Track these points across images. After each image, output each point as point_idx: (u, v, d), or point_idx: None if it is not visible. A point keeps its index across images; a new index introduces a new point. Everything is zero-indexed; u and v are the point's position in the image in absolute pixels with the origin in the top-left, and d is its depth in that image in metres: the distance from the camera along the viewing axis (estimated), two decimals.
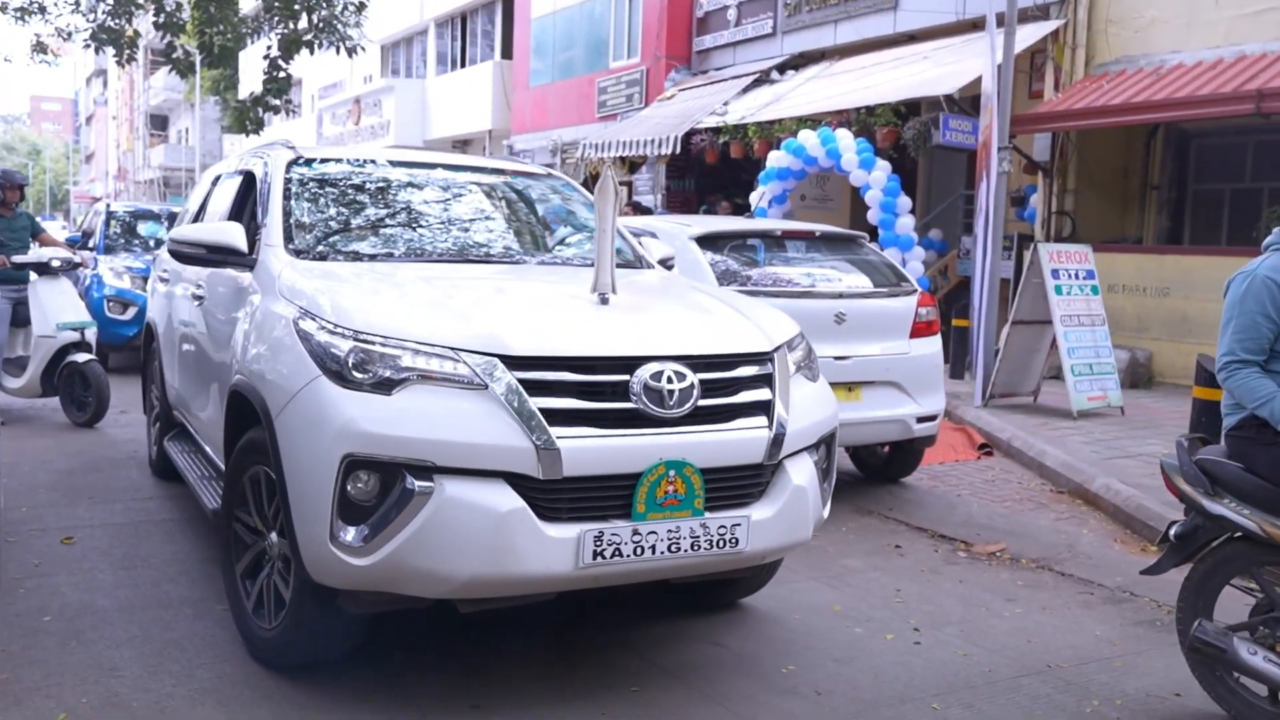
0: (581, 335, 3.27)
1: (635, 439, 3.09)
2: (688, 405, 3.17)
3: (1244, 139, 12.16)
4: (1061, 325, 8.71)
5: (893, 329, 6.08)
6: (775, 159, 13.13)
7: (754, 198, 9.94)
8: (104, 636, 3.73)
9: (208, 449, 4.68)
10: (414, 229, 4.41)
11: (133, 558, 4.64)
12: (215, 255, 4.10)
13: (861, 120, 12.86)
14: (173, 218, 12.22)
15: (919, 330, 6.12)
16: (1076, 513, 6.07)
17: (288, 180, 4.37)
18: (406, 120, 25.49)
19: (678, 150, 15.09)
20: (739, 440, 3.26)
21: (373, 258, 4.08)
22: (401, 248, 4.21)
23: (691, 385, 3.20)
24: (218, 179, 5.67)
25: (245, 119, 15.91)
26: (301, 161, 4.54)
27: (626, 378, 3.14)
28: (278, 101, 14.78)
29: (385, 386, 3.06)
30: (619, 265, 4.32)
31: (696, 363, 3.28)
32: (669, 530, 3.11)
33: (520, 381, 3.04)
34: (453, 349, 3.10)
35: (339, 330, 3.20)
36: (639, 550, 3.08)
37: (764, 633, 4.01)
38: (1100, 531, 5.71)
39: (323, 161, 4.64)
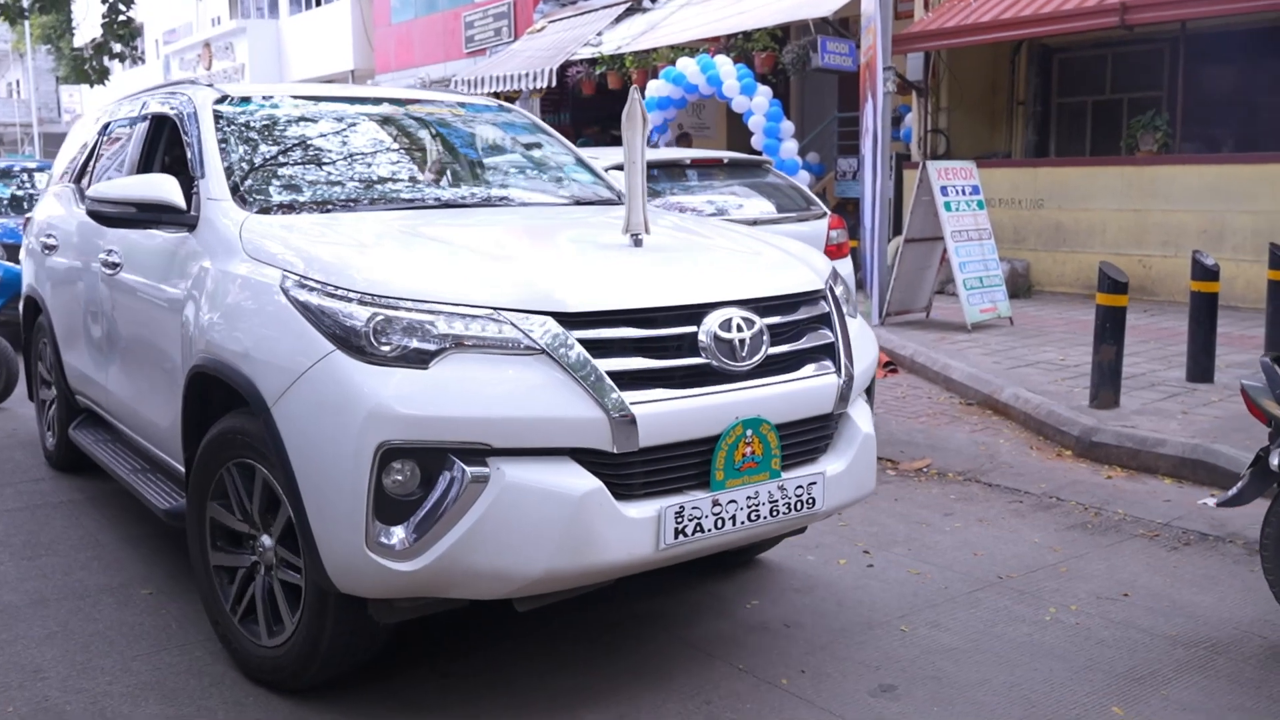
0: (638, 284, 2.85)
1: (710, 398, 2.75)
2: (759, 355, 2.86)
3: (1103, 52, 12.53)
4: (952, 240, 8.88)
5: None
6: (655, 88, 12.97)
7: None
8: (20, 636, 3.44)
9: (139, 439, 4.10)
10: (381, 173, 3.91)
11: (35, 545, 4.30)
12: (147, 214, 3.53)
13: (739, 46, 12.78)
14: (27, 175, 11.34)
15: (831, 253, 6.12)
16: (989, 423, 6.22)
17: (219, 122, 3.79)
18: (262, 63, 24.33)
19: (553, 84, 14.78)
20: (810, 389, 2.97)
21: (345, 207, 3.56)
22: (375, 195, 3.70)
23: (761, 332, 2.87)
24: (106, 127, 5.00)
25: (87, 68, 14.83)
26: (229, 100, 3.95)
27: (693, 329, 2.79)
28: (123, 48, 13.80)
29: (419, 359, 2.59)
30: (599, 203, 4.11)
31: (761, 306, 2.95)
32: (748, 497, 2.82)
33: (580, 342, 2.64)
34: (494, 309, 2.64)
35: (349, 294, 2.70)
36: (720, 523, 2.78)
37: (719, 568, 3.97)
38: (1015, 440, 5.86)
39: (254, 100, 4.05)
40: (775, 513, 2.88)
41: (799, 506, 2.93)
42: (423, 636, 3.38)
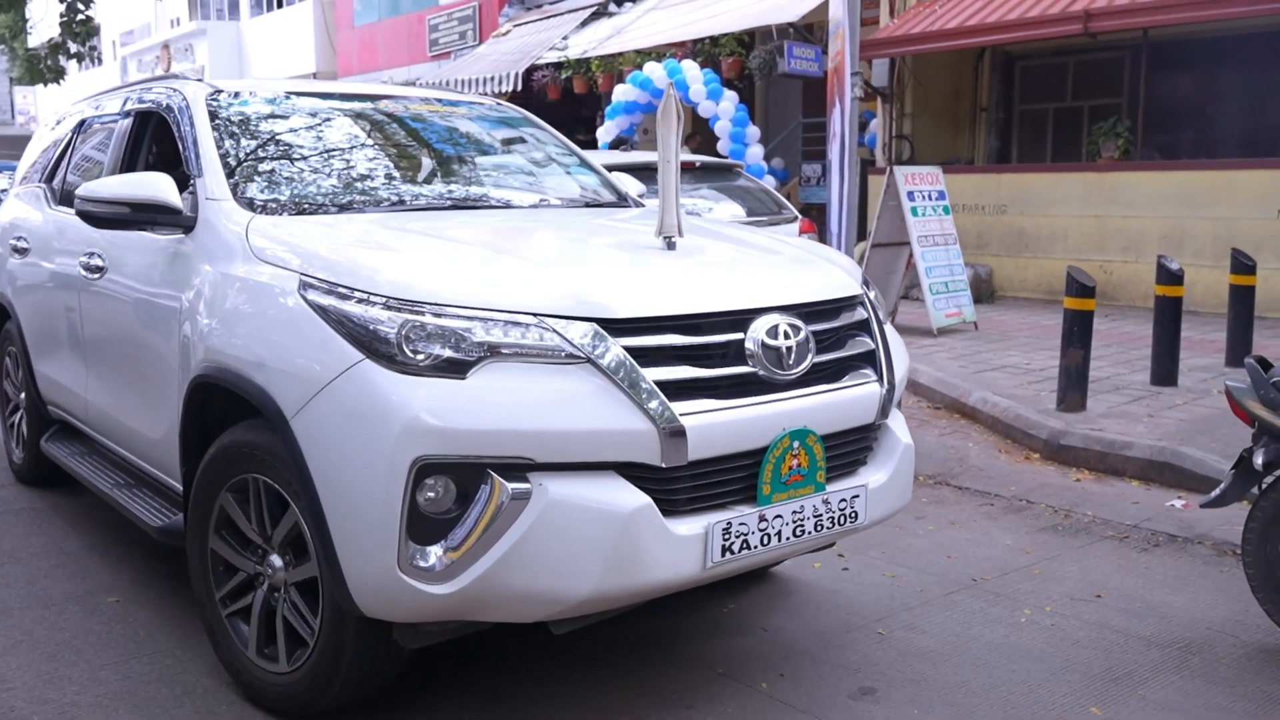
0: (682, 289, 2.72)
1: (757, 408, 2.63)
2: (805, 364, 2.74)
3: (1064, 60, 12.70)
4: (919, 245, 8.94)
5: None
6: (621, 93, 12.97)
7: (601, 133, 9.79)
8: None
9: (124, 452, 3.90)
10: (391, 173, 3.73)
11: None
12: (141, 215, 3.31)
13: (706, 51, 12.82)
14: None
15: None
16: (958, 427, 6.26)
17: (214, 118, 3.60)
18: (222, 66, 24.07)
19: (518, 88, 14.73)
20: (853, 398, 2.86)
21: (357, 207, 3.39)
22: (386, 195, 3.53)
23: (807, 339, 2.76)
24: (83, 123, 4.75)
25: (42, 67, 14.58)
26: (222, 95, 3.76)
27: (740, 336, 2.66)
28: (80, 48, 13.58)
29: (456, 368, 2.43)
30: (608, 204, 4.03)
31: (805, 312, 2.83)
32: (794, 511, 2.71)
33: (626, 350, 2.50)
34: (534, 314, 2.49)
35: (375, 299, 2.53)
36: (766, 539, 2.66)
37: None
38: (984, 443, 5.91)
39: (249, 95, 3.85)
40: (819, 527, 2.78)
41: (842, 521, 2.83)
42: None
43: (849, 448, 2.91)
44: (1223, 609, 3.64)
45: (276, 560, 2.85)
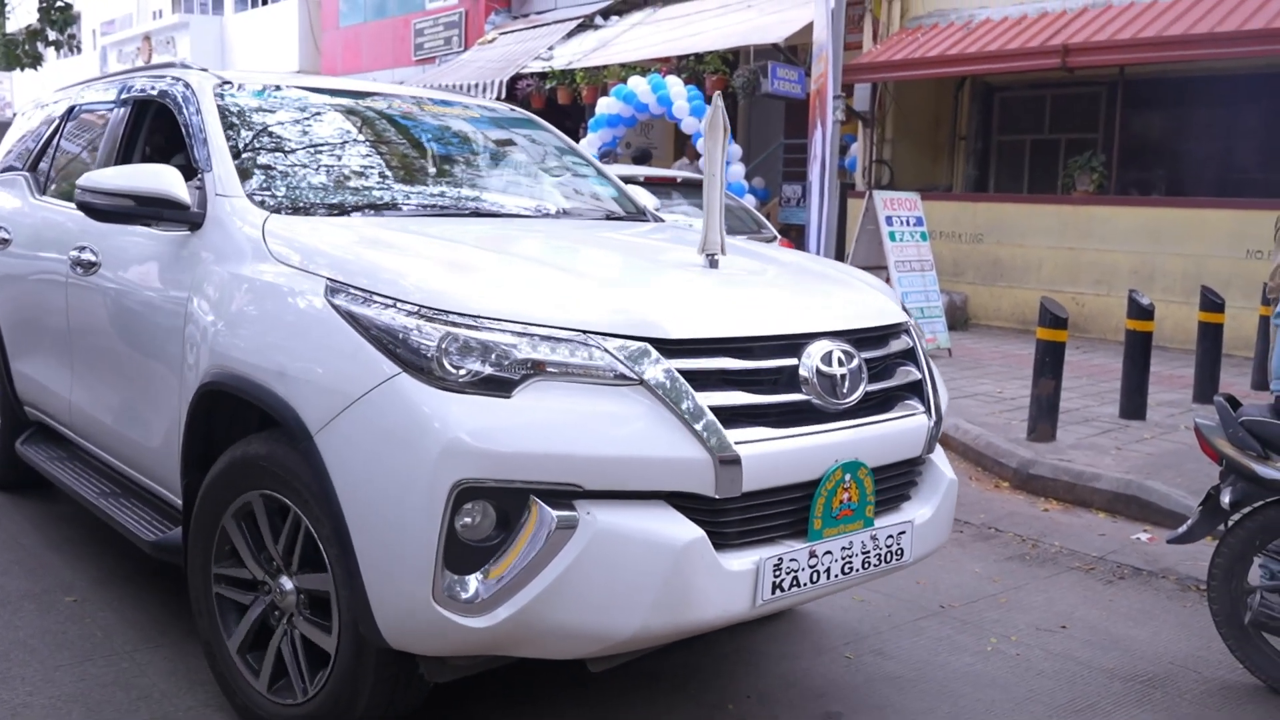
0: (735, 310, 2.59)
1: (811, 438, 2.51)
2: (858, 393, 2.62)
3: (1043, 92, 12.85)
4: (896, 270, 9.00)
5: None
6: (605, 105, 12.99)
7: (583, 145, 9.80)
8: None
9: (112, 459, 3.69)
10: (412, 176, 3.56)
11: None
12: (146, 209, 3.09)
13: (690, 67, 12.87)
14: None
15: None
16: None
17: (222, 109, 3.40)
18: (204, 60, 23.51)
19: (502, 95, 14.72)
20: (902, 430, 2.73)
21: (381, 211, 3.22)
22: (408, 199, 3.36)
23: (860, 367, 2.63)
24: (72, 110, 4.51)
25: (19, 54, 14.42)
26: (229, 87, 3.56)
27: (794, 362, 2.54)
28: (59, 36, 13.45)
29: (501, 386, 2.27)
30: (629, 218, 3.91)
31: (857, 338, 2.71)
32: (843, 547, 2.58)
33: (680, 372, 2.36)
34: (584, 331, 2.34)
35: (413, 309, 2.36)
36: (815, 576, 2.53)
37: None
38: (955, 470, 5.91)
39: (256, 87, 3.65)
40: (867, 565, 2.65)
41: (888, 558, 2.70)
42: None
43: (895, 481, 2.79)
44: (1185, 644, 3.66)
45: (288, 584, 2.67)
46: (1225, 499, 3.30)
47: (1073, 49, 10.44)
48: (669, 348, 2.38)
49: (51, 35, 13.91)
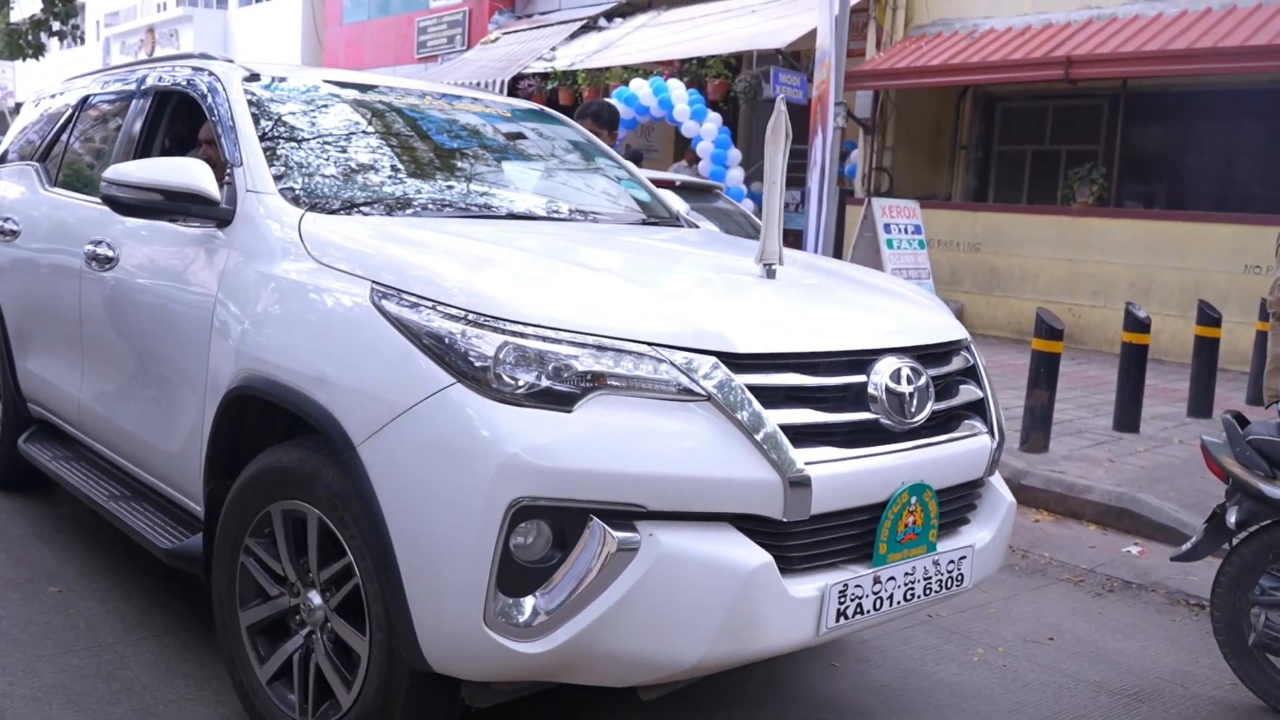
0: (801, 323, 2.50)
1: (878, 459, 2.41)
2: (925, 412, 2.52)
3: (1044, 103, 12.86)
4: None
5: None
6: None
7: None
8: None
9: (123, 461, 3.55)
10: (448, 175, 3.40)
11: None
12: (174, 204, 2.97)
13: (693, 71, 12.87)
14: None
15: None
16: None
17: (252, 103, 3.28)
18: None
19: (503, 95, 14.71)
20: (966, 451, 2.64)
21: (425, 211, 3.10)
22: (450, 200, 3.23)
23: (927, 385, 2.54)
24: (86, 100, 4.37)
25: (22, 43, 14.42)
26: (258, 79, 3.42)
27: (862, 379, 2.45)
28: (63, 26, 13.44)
29: (561, 400, 2.16)
30: (658, 222, 3.80)
31: (923, 355, 2.61)
32: (906, 573, 2.48)
33: (748, 388, 2.26)
34: (649, 344, 2.23)
35: (469, 316, 2.24)
36: (878, 603, 2.42)
37: None
38: None
39: (285, 81, 3.50)
40: (928, 591, 2.55)
41: (949, 584, 2.60)
42: None
43: (956, 504, 2.71)
44: (1173, 658, 3.65)
45: (315, 599, 2.54)
46: (1231, 518, 3.26)
47: (1076, 61, 10.45)
48: (737, 362, 2.28)
49: (55, 26, 13.89)
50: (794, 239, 11.62)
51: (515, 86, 14.73)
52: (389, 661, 2.35)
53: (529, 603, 2.15)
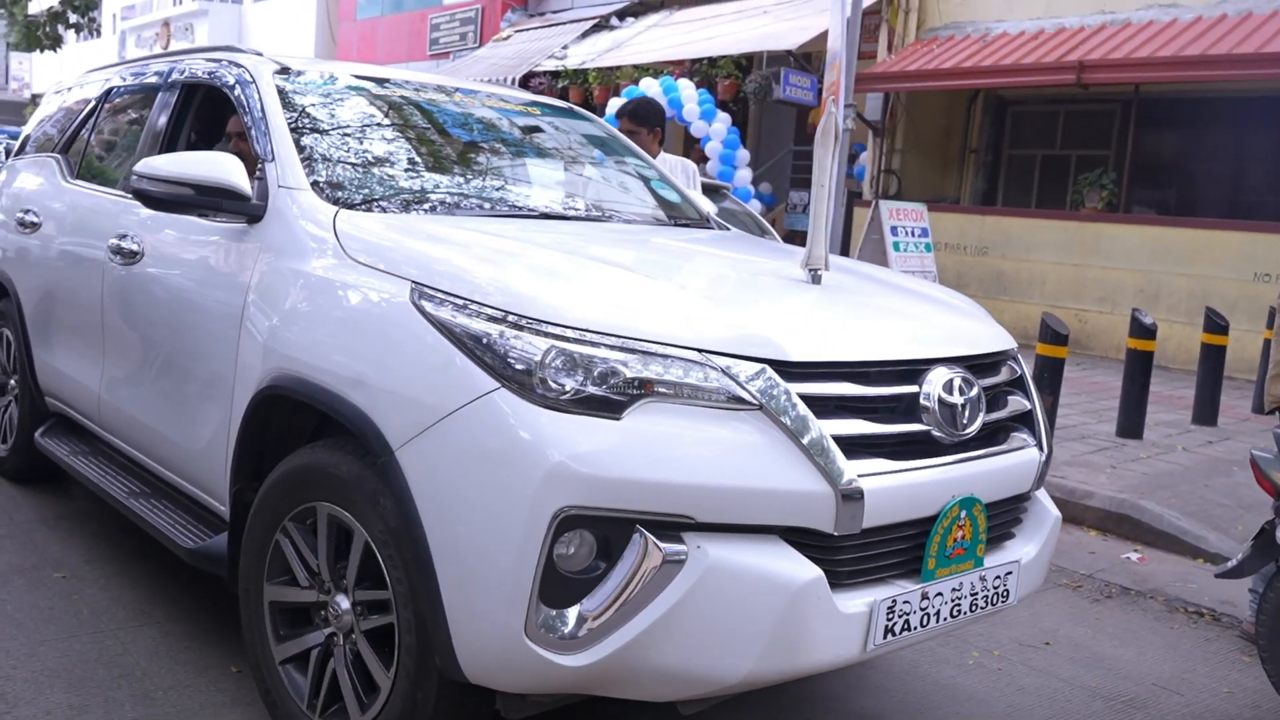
0: (853, 332, 2.45)
1: (930, 471, 2.36)
2: (976, 423, 2.47)
3: (1056, 108, 12.84)
4: None
5: None
6: (616, 106, 12.99)
7: None
8: None
9: (144, 458, 3.50)
10: (485, 174, 3.36)
11: None
12: (205, 199, 2.93)
13: (703, 71, 12.88)
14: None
15: None
16: None
17: (284, 97, 3.22)
18: None
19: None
20: (1015, 464, 2.59)
21: (464, 210, 3.05)
22: (488, 199, 3.18)
23: (978, 396, 2.49)
24: (110, 93, 4.33)
25: (39, 35, 14.49)
26: (290, 74, 3.37)
27: (914, 389, 2.39)
28: (80, 19, 13.51)
29: (609, 407, 2.10)
30: (689, 224, 3.76)
31: (973, 365, 2.56)
32: (953, 589, 2.42)
33: (801, 398, 2.21)
34: (700, 350, 2.17)
35: (515, 319, 2.18)
36: (925, 619, 2.37)
37: None
38: None
39: (317, 75, 3.45)
40: (974, 607, 2.50)
41: (995, 600, 2.55)
42: None
43: (1003, 518, 2.66)
44: (1170, 666, 3.66)
45: (344, 603, 2.48)
46: None
47: (1088, 66, 10.43)
48: (788, 371, 2.22)
49: (72, 18, 13.97)
50: (801, 241, 11.64)
51: (526, 84, 14.76)
52: (417, 668, 2.29)
53: (572, 614, 2.10)
